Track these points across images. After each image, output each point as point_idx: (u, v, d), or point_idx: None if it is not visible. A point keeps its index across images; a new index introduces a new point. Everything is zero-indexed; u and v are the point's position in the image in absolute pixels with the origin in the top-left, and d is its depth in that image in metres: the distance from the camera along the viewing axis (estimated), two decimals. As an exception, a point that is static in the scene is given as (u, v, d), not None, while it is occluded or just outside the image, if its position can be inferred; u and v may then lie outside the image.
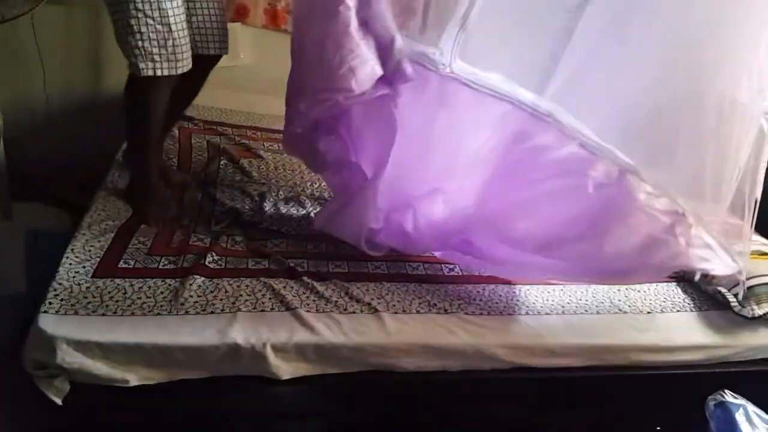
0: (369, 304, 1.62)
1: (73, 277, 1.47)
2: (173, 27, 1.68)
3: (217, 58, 1.97)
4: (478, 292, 1.82)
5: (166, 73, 1.71)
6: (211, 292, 1.53)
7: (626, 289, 2.00)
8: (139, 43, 1.65)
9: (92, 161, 2.18)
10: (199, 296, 1.51)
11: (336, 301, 1.60)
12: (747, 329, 1.92)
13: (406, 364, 1.57)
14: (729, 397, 1.43)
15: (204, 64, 1.94)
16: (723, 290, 1.95)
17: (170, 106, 1.86)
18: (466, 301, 1.75)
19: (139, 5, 1.62)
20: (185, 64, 1.75)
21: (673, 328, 1.88)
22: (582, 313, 1.85)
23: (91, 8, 2.46)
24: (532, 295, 1.87)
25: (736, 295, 1.91)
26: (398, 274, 1.80)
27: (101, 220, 1.73)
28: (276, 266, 1.70)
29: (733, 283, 1.93)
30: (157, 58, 1.68)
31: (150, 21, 1.64)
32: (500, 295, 1.83)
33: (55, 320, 1.33)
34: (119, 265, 1.55)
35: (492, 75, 1.60)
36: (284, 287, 1.60)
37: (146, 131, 1.83)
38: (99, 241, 1.62)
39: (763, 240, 2.23)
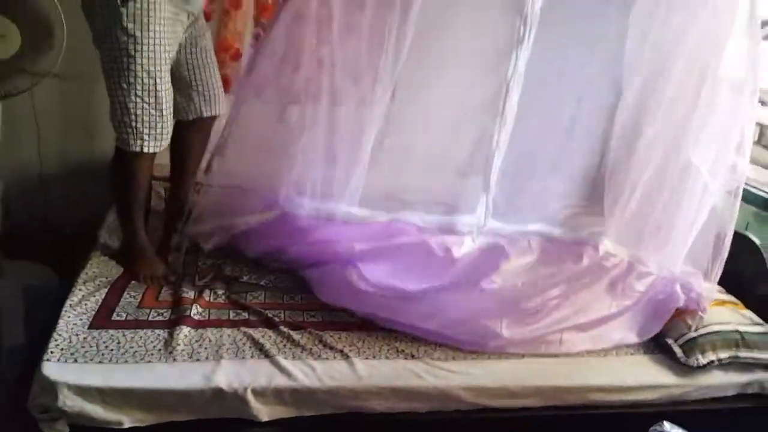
0: (341, 351, 1.77)
1: (72, 328, 1.62)
2: (164, 111, 1.91)
3: (215, 116, 2.23)
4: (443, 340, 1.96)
5: (152, 150, 1.93)
6: (197, 341, 1.68)
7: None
8: (133, 124, 1.87)
9: (83, 222, 2.34)
10: (185, 345, 1.65)
11: (311, 349, 1.75)
12: (697, 370, 2.03)
13: (377, 406, 1.71)
14: (667, 426, 1.57)
15: (207, 124, 2.21)
16: (669, 341, 2.07)
17: (187, 163, 2.21)
18: (432, 347, 1.89)
19: (138, 92, 1.85)
20: (167, 142, 1.98)
21: (627, 369, 2.00)
22: (540, 356, 1.98)
23: (86, 81, 2.63)
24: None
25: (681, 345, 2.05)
26: (368, 323, 1.94)
27: (95, 276, 1.89)
28: (255, 317, 1.85)
29: (679, 334, 2.08)
30: (146, 137, 1.90)
31: (145, 106, 1.87)
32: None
33: (57, 367, 1.48)
34: (113, 318, 1.71)
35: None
36: (263, 336, 1.75)
37: (133, 198, 2.01)
38: (94, 296, 1.77)
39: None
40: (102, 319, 1.69)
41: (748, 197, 2.62)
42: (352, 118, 2.01)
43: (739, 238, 2.38)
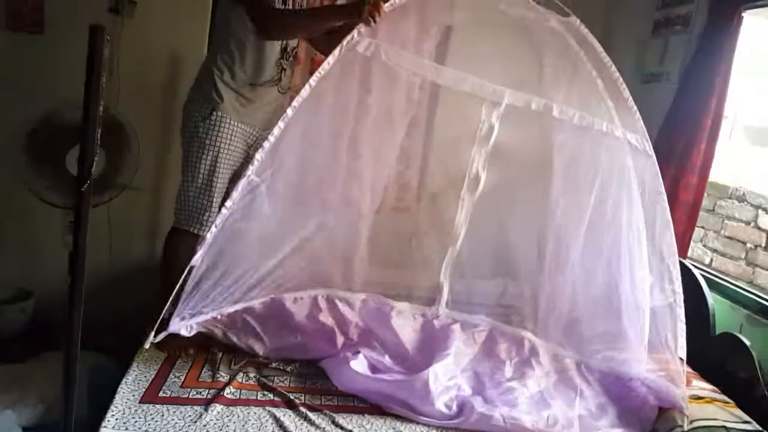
0: (351, 431, 2.03)
1: (126, 402, 1.96)
2: (213, 204, 2.40)
3: None
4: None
5: (196, 231, 2.38)
6: (227, 416, 1.99)
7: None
8: (189, 208, 2.39)
9: (143, 316, 2.68)
10: (217, 420, 1.96)
11: (324, 428, 2.02)
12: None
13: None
14: None
15: None
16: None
17: None
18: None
19: (198, 184, 2.37)
20: (203, 229, 2.37)
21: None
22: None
23: (152, 193, 3.07)
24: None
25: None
26: (377, 407, 2.20)
27: (146, 360, 2.24)
28: (279, 398, 2.15)
29: (669, 428, 2.25)
30: (193, 221, 2.39)
31: (201, 196, 2.38)
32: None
33: (112, 434, 1.81)
34: (159, 394, 2.04)
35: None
36: (284, 415, 2.04)
37: (175, 272, 2.26)
38: (145, 376, 2.12)
39: (703, 385, 2.49)
40: (150, 396, 2.02)
41: (742, 300, 2.83)
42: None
43: (732, 340, 2.58)
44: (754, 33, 3.13)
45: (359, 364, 2.30)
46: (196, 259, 1.97)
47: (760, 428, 2.26)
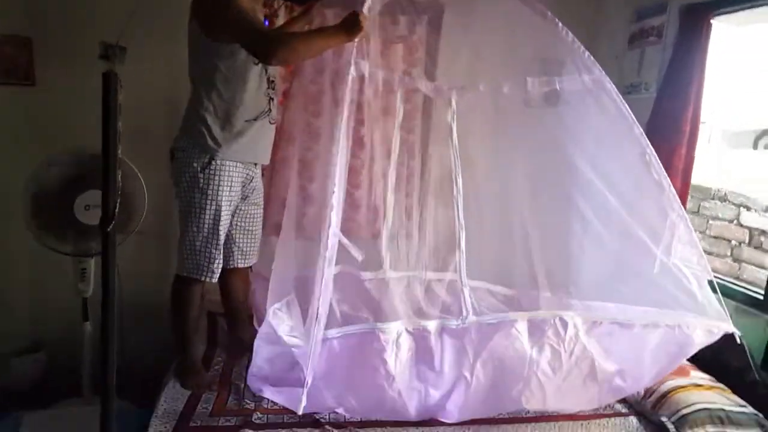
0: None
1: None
2: (221, 250, 2.43)
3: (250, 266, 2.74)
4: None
5: (208, 279, 2.43)
6: (257, 441, 2.06)
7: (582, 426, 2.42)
8: (197, 257, 2.40)
9: (156, 360, 2.72)
10: (248, 445, 2.03)
11: (349, 444, 2.11)
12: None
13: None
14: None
15: (243, 272, 2.72)
16: (664, 419, 2.36)
17: (234, 302, 2.69)
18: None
19: (204, 233, 2.37)
20: (214, 276, 2.45)
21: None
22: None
23: (158, 238, 3.12)
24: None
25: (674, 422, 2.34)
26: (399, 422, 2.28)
27: (172, 396, 2.30)
28: (305, 419, 2.21)
29: (673, 412, 2.36)
30: (204, 269, 2.41)
31: (208, 245, 2.40)
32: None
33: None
34: (190, 425, 2.12)
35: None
36: (311, 435, 2.13)
37: (187, 320, 2.48)
38: (174, 409, 2.19)
39: (701, 375, 2.63)
40: (183, 427, 2.11)
41: (730, 293, 2.94)
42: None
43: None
44: (725, 39, 3.31)
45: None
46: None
47: (756, 411, 2.40)
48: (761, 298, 2.85)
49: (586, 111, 2.58)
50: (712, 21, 3.03)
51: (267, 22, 2.58)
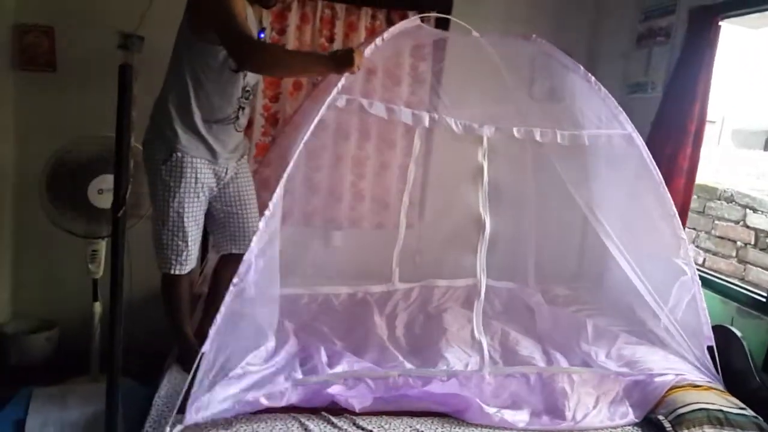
0: (371, 430, 2.18)
1: (160, 414, 2.11)
2: (189, 243, 2.42)
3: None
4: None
5: (178, 272, 2.45)
6: (255, 423, 2.13)
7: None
8: (166, 252, 2.42)
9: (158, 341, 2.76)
10: (246, 427, 2.10)
11: (347, 430, 2.17)
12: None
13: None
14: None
15: (234, 260, 2.48)
16: (661, 417, 2.37)
17: (218, 290, 2.49)
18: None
19: (170, 227, 2.39)
20: (191, 266, 2.48)
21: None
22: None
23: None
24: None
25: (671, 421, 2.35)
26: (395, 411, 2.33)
27: (175, 378, 2.37)
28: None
29: (670, 411, 2.38)
30: (173, 262, 2.43)
31: (174, 238, 2.40)
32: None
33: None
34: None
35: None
36: (308, 419, 2.19)
37: (176, 309, 2.52)
38: (176, 390, 2.23)
39: (700, 376, 2.63)
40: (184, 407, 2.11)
41: (732, 294, 2.97)
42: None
43: (724, 332, 2.72)
44: (737, 41, 3.33)
45: None
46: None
47: (755, 414, 2.40)
48: (764, 300, 2.86)
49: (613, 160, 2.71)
50: (720, 23, 3.04)
51: (262, 35, 2.56)
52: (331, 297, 3.36)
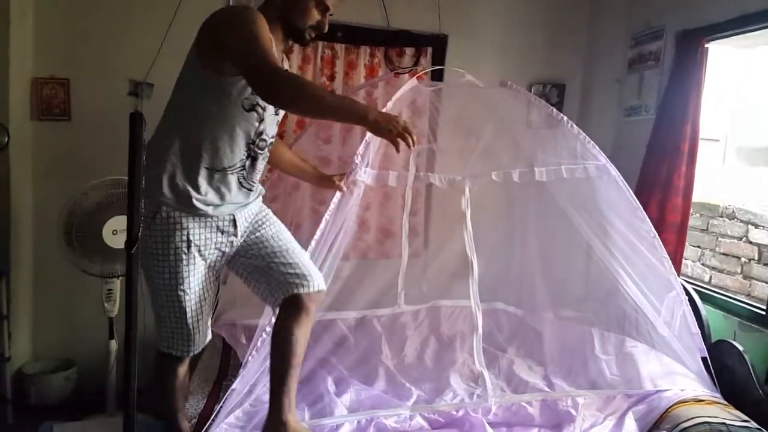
0: None
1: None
2: (188, 322, 2.04)
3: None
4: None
5: (175, 353, 2.11)
6: None
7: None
8: (162, 330, 2.09)
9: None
10: None
11: None
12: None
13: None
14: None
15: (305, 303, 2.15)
16: (664, 432, 2.40)
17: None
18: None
19: (163, 303, 2.03)
20: (191, 349, 2.11)
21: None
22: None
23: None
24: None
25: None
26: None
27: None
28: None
29: (673, 426, 2.39)
30: (169, 341, 2.10)
31: (172, 317, 2.05)
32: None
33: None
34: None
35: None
36: None
37: (164, 393, 2.20)
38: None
39: (702, 390, 2.63)
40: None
41: (734, 309, 2.99)
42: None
43: (727, 347, 2.74)
44: (736, 60, 3.40)
45: None
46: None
47: (759, 426, 2.41)
48: (764, 313, 2.89)
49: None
50: (707, 45, 3.12)
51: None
52: (338, 321, 3.37)
